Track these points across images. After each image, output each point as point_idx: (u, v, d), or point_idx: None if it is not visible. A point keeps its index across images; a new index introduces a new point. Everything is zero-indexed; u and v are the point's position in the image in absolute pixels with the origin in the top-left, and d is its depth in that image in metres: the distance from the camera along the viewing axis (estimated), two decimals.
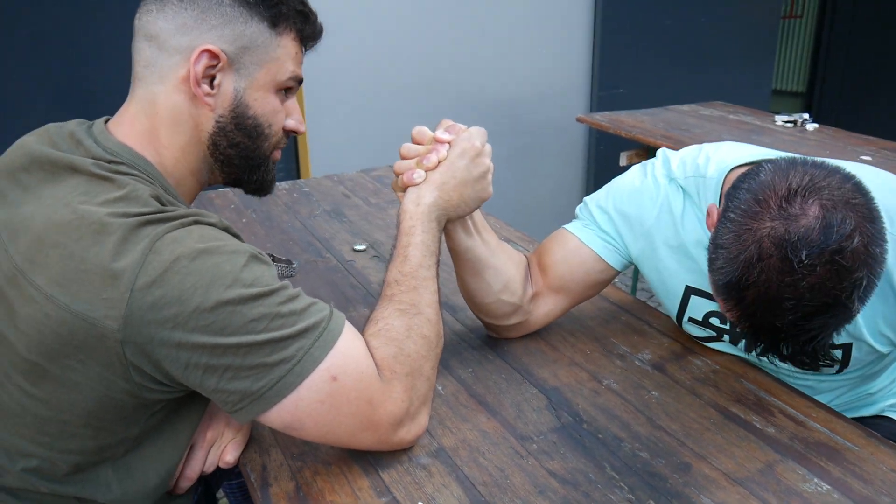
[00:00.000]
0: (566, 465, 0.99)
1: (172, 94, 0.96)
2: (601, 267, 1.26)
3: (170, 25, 0.95)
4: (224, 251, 0.85)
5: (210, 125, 0.98)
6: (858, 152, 2.72)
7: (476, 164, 1.11)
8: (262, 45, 0.98)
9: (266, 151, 1.04)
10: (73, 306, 0.81)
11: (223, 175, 1.04)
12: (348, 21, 3.19)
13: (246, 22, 0.97)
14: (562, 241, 1.29)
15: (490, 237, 1.23)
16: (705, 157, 1.18)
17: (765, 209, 0.88)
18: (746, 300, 0.89)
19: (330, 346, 0.90)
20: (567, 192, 4.04)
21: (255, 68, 0.98)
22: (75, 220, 0.84)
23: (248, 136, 1.01)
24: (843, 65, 5.37)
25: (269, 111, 1.01)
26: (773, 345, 0.93)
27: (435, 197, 1.09)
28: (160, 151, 0.97)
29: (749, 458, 1.00)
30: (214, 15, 0.95)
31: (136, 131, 0.97)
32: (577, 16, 3.73)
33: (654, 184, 1.22)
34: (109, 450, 0.92)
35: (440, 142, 1.12)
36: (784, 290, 0.86)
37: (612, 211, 1.25)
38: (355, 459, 1.00)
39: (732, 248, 0.89)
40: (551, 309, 1.30)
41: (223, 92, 0.97)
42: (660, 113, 3.40)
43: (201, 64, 0.94)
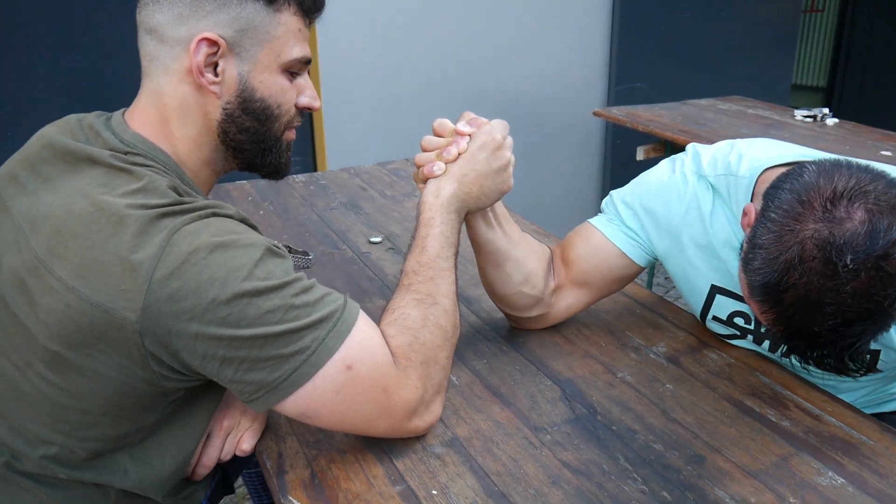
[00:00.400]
0: (580, 457, 0.99)
1: (178, 86, 0.96)
2: (624, 263, 1.25)
3: (167, 17, 0.95)
4: (240, 244, 0.86)
5: (218, 113, 0.98)
6: (878, 147, 2.70)
7: (496, 157, 1.12)
8: (261, 24, 0.96)
9: (277, 132, 1.03)
10: (92, 297, 0.83)
11: (237, 161, 1.04)
12: (366, 15, 3.20)
13: (241, 4, 0.95)
14: (586, 235, 1.28)
15: (512, 229, 1.23)
16: (737, 154, 1.16)
17: (808, 210, 0.85)
18: (784, 302, 0.87)
19: (344, 336, 0.90)
20: (583, 187, 4.03)
21: (257, 49, 0.97)
22: (95, 211, 0.85)
23: (257, 119, 1.00)
24: (864, 60, 5.31)
25: (277, 91, 1.00)
26: (809, 350, 0.91)
27: (454, 189, 1.09)
28: (174, 143, 0.98)
29: (763, 452, 0.99)
30: (208, 1, 0.94)
31: (148, 123, 0.97)
32: (594, 10, 3.71)
33: (683, 180, 1.20)
34: (127, 437, 0.94)
35: (461, 134, 1.12)
36: (826, 295, 0.84)
37: (637, 207, 1.24)
38: (370, 448, 1.01)
39: (772, 249, 0.87)
40: (573, 303, 1.30)
41: (227, 78, 0.97)
42: (677, 107, 3.38)
43: (201, 53, 0.94)
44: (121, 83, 2.72)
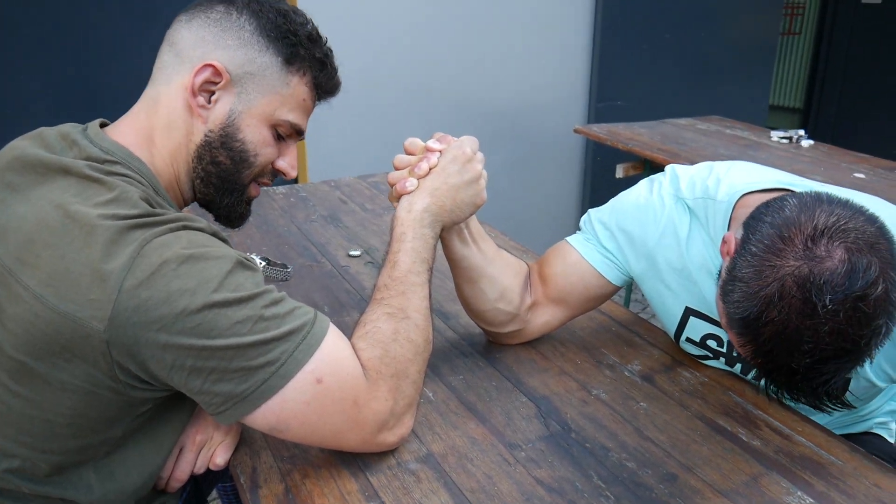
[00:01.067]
0: (553, 474, 1.00)
1: (174, 98, 0.99)
2: (600, 282, 1.26)
3: (191, 36, 0.99)
4: (210, 256, 0.87)
5: (199, 137, 1.01)
6: (852, 170, 2.74)
7: (467, 169, 1.13)
8: (270, 77, 1.01)
9: (245, 179, 1.06)
10: (60, 306, 0.82)
11: (199, 192, 1.06)
12: (348, 29, 3.21)
13: (261, 51, 1.00)
14: (563, 253, 1.29)
15: (487, 246, 1.24)
16: (715, 178, 1.16)
17: (789, 247, 0.86)
18: (762, 337, 0.87)
19: (314, 349, 0.91)
20: (563, 203, 4.06)
21: (257, 96, 1.01)
22: (67, 221, 0.85)
23: (231, 158, 1.02)
24: (840, 82, 5.41)
25: (259, 141, 1.03)
26: (786, 385, 0.92)
27: (427, 203, 1.10)
28: (153, 152, 1.00)
29: (734, 471, 1.01)
30: (232, 37, 0.99)
31: (133, 129, 0.99)
32: (576, 27, 3.75)
33: (660, 203, 1.21)
34: (91, 450, 0.93)
35: (431, 150, 1.14)
36: (804, 333, 0.84)
37: (614, 228, 1.24)
38: (344, 463, 1.01)
39: (752, 284, 0.87)
40: (549, 319, 1.31)
41: (217, 109, 1.00)
42: (657, 126, 3.42)
43: (202, 76, 0.98)
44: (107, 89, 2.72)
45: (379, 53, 3.31)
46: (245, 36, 1.00)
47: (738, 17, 4.20)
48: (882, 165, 2.83)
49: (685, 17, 3.99)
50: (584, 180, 4.04)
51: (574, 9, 3.71)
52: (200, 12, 1.01)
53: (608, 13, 3.73)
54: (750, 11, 4.23)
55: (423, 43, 3.41)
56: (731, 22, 4.18)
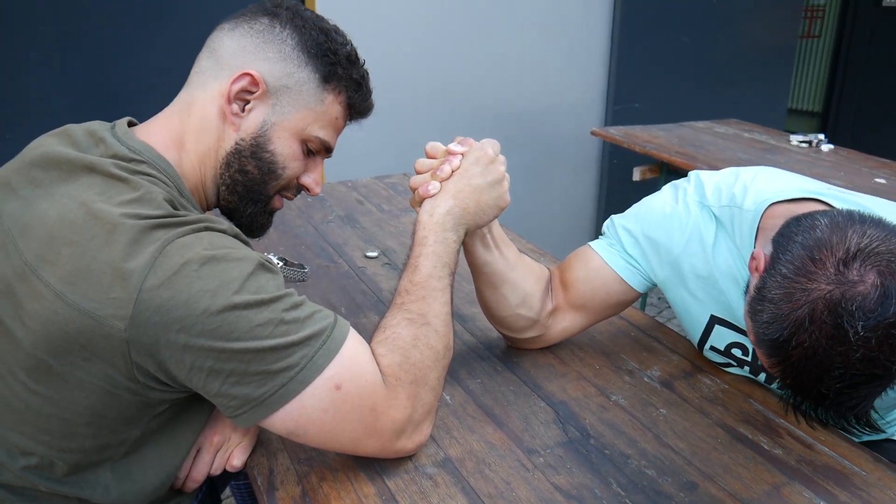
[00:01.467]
0: (572, 480, 0.99)
1: (208, 103, 1.01)
2: (623, 289, 1.25)
3: (233, 45, 1.01)
4: (232, 258, 0.86)
5: (230, 144, 1.02)
6: (873, 175, 2.71)
7: (490, 171, 1.12)
8: (306, 92, 1.02)
9: (270, 191, 1.07)
10: (81, 304, 0.82)
11: (223, 198, 1.06)
12: (365, 30, 3.21)
13: (300, 66, 1.01)
14: (585, 259, 1.28)
15: (509, 252, 1.23)
16: (742, 186, 1.15)
17: (820, 269, 0.84)
18: (791, 359, 0.86)
19: (333, 354, 0.90)
20: (580, 205, 4.04)
21: (291, 110, 1.02)
22: (89, 219, 0.85)
23: (259, 168, 1.03)
24: (860, 86, 5.35)
25: (289, 154, 1.04)
26: (814, 408, 0.90)
27: (450, 206, 1.09)
28: (181, 155, 1.00)
29: (756, 480, 0.99)
30: (273, 49, 1.01)
31: (164, 130, 1.00)
32: (594, 29, 3.74)
33: (685, 210, 1.19)
34: (109, 450, 0.93)
35: (453, 153, 1.13)
36: (834, 358, 0.83)
37: (639, 235, 1.23)
38: (361, 466, 1.01)
39: (782, 306, 0.86)
40: (569, 325, 1.30)
41: (251, 118, 1.01)
42: (674, 129, 3.40)
43: (239, 84, 0.99)
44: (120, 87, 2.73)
45: (396, 55, 3.31)
46: (286, 50, 1.01)
47: (757, 20, 4.17)
48: None
49: (703, 19, 3.96)
50: (600, 183, 4.02)
51: (592, 11, 3.70)
52: (244, 22, 1.02)
53: (626, 16, 3.71)
54: (769, 14, 4.20)
55: (440, 45, 3.41)
56: (750, 25, 4.15)
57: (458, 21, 3.41)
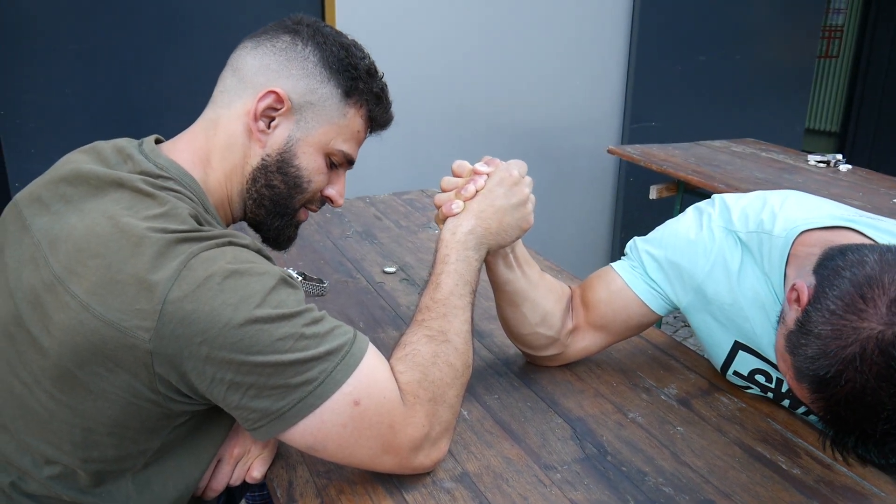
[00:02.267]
0: (589, 497, 0.99)
1: (233, 121, 1.03)
2: (644, 311, 1.25)
3: (256, 63, 1.03)
4: (254, 272, 0.88)
5: (256, 160, 1.04)
6: (892, 195, 2.70)
7: (514, 192, 1.13)
8: (329, 107, 1.05)
9: (296, 204, 1.09)
10: (106, 315, 0.84)
11: (250, 212, 1.09)
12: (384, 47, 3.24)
13: (322, 82, 1.04)
14: (607, 280, 1.28)
15: (532, 271, 1.24)
16: (770, 212, 1.13)
17: (871, 308, 0.82)
18: (836, 397, 0.84)
19: (352, 370, 0.91)
20: (596, 223, 4.04)
21: (315, 125, 1.04)
22: (116, 232, 0.87)
23: (286, 182, 1.06)
24: (878, 106, 5.33)
25: (314, 168, 1.07)
26: (857, 447, 0.88)
27: (472, 225, 1.10)
28: (207, 172, 1.02)
29: (774, 499, 0.99)
30: (297, 66, 1.03)
31: (191, 149, 1.02)
32: (611, 48, 3.76)
33: (710, 236, 1.18)
34: (130, 460, 0.94)
35: (478, 173, 1.14)
36: (884, 399, 0.81)
37: (663, 260, 1.22)
38: (380, 480, 1.01)
39: (830, 343, 0.84)
40: (589, 345, 1.30)
41: (276, 134, 1.03)
42: (691, 148, 3.41)
43: (265, 102, 1.01)
44: (143, 103, 2.78)
45: (414, 73, 3.34)
46: (309, 67, 1.03)
47: (775, 40, 4.18)
48: None
49: (721, 39, 3.98)
50: (616, 201, 4.03)
51: (609, 29, 3.72)
52: (266, 40, 1.04)
53: (644, 34, 3.73)
54: (787, 34, 4.20)
55: (458, 63, 3.44)
56: (768, 44, 4.16)
57: (476, 39, 3.45)
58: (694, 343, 3.32)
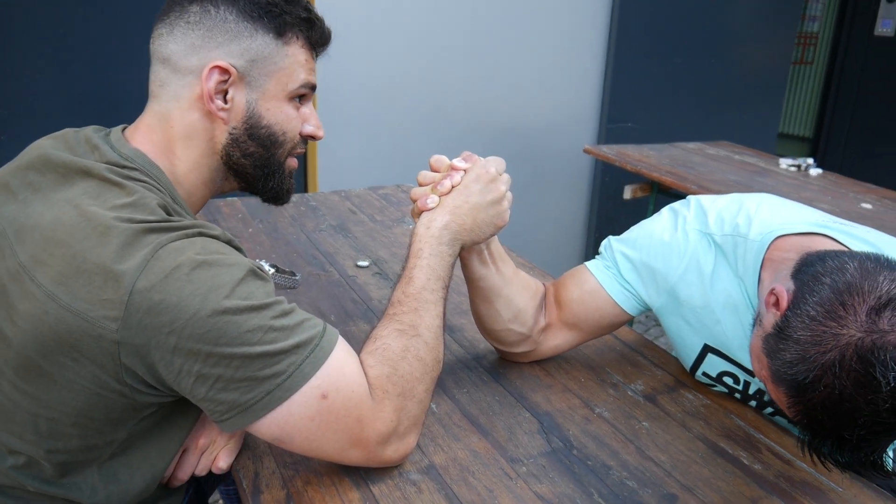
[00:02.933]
0: (554, 490, 1.00)
1: (187, 112, 1.00)
2: (616, 311, 1.26)
3: (180, 47, 0.99)
4: (224, 263, 0.87)
5: (224, 137, 1.02)
6: (859, 200, 2.75)
7: (490, 189, 1.13)
8: (270, 55, 1.01)
9: (281, 158, 1.07)
10: (72, 305, 0.83)
11: (238, 182, 1.07)
12: (363, 43, 3.24)
13: (251, 36, 0.99)
14: (581, 280, 1.28)
15: (506, 268, 1.24)
16: (746, 215, 1.14)
17: (851, 315, 0.83)
18: (812, 402, 0.85)
19: (321, 363, 0.91)
20: (571, 222, 4.07)
21: (265, 79, 1.01)
22: (82, 221, 0.86)
23: (261, 145, 1.04)
24: (851, 113, 5.42)
25: (283, 119, 1.04)
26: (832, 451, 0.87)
27: (447, 221, 1.10)
28: (173, 162, 1.01)
29: (735, 493, 1.01)
30: (220, 32, 0.98)
31: (151, 141, 1.00)
32: (590, 49, 3.78)
33: (685, 238, 1.19)
34: (95, 451, 0.94)
35: (456, 169, 1.14)
36: (861, 406, 0.81)
37: (637, 262, 1.23)
38: (346, 472, 1.02)
39: (809, 348, 0.84)
40: (561, 343, 1.31)
41: (236, 105, 1.01)
42: (666, 149, 3.44)
43: (213, 80, 0.98)
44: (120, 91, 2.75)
45: (391, 68, 3.34)
46: (231, 27, 0.99)
47: (751, 45, 4.23)
48: (890, 196, 2.84)
49: (698, 43, 4.02)
50: (592, 200, 4.05)
51: (588, 30, 3.75)
52: (178, 18, 0.99)
53: (622, 36, 3.76)
54: (762, 40, 4.26)
55: (436, 60, 3.44)
56: (744, 49, 4.21)
57: (453, 37, 3.45)
58: (665, 342, 3.36)
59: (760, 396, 1.19)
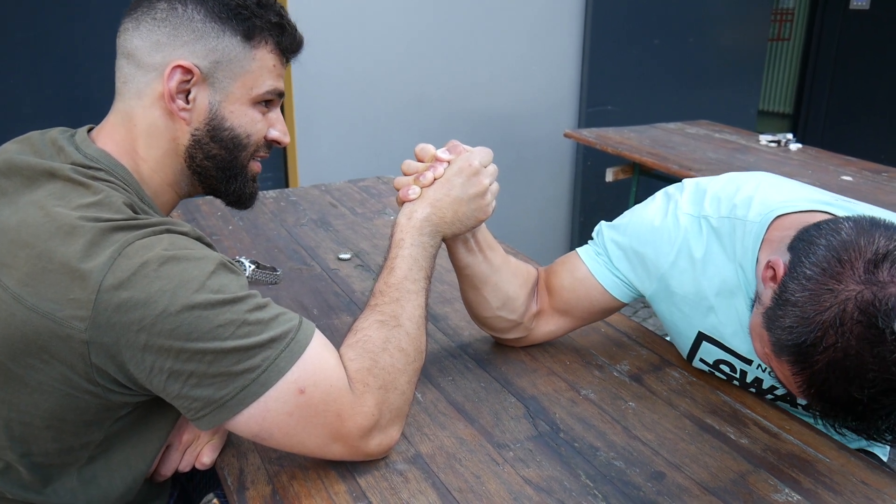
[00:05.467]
0: (542, 473, 1.00)
1: (149, 110, 0.98)
2: (607, 299, 1.24)
3: (145, 43, 0.96)
4: (192, 257, 0.86)
5: (186, 138, 0.99)
6: (840, 172, 2.76)
7: (472, 183, 1.11)
8: (236, 58, 0.98)
9: (244, 161, 1.04)
10: (39, 306, 0.82)
11: (202, 186, 1.05)
12: (340, 34, 3.21)
13: (218, 36, 0.97)
14: (572, 267, 1.27)
15: (494, 255, 1.23)
16: (744, 197, 1.11)
17: (848, 270, 0.81)
18: (817, 365, 0.82)
19: (297, 357, 0.90)
20: (554, 207, 4.06)
21: (230, 82, 0.99)
22: (47, 221, 0.85)
23: (224, 147, 1.01)
24: (829, 87, 5.44)
25: (247, 122, 1.02)
26: (844, 417, 0.85)
27: (427, 213, 1.09)
28: (137, 161, 0.99)
29: (722, 469, 1.01)
30: (186, 31, 0.96)
31: (114, 141, 0.98)
32: (566, 33, 3.77)
33: (675, 224, 1.16)
34: (72, 454, 0.92)
35: (440, 160, 1.13)
36: (867, 361, 0.78)
37: (627, 249, 1.21)
38: (332, 465, 1.01)
39: (807, 308, 0.82)
40: (554, 329, 1.30)
41: (198, 106, 0.98)
42: (646, 130, 3.44)
43: (175, 80, 0.96)
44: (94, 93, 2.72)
45: (370, 59, 3.32)
46: (197, 27, 0.96)
47: (727, 23, 4.23)
48: (868, 168, 2.85)
49: (674, 23, 4.02)
50: (574, 184, 4.05)
51: (564, 15, 3.73)
52: (145, 14, 0.97)
53: (597, 19, 3.75)
54: (738, 17, 4.26)
55: (414, 49, 3.42)
56: (720, 28, 4.21)
57: (430, 26, 3.43)
58: (653, 323, 3.37)
59: (759, 384, 1.18)
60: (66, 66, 2.72)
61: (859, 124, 5.21)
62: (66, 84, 2.73)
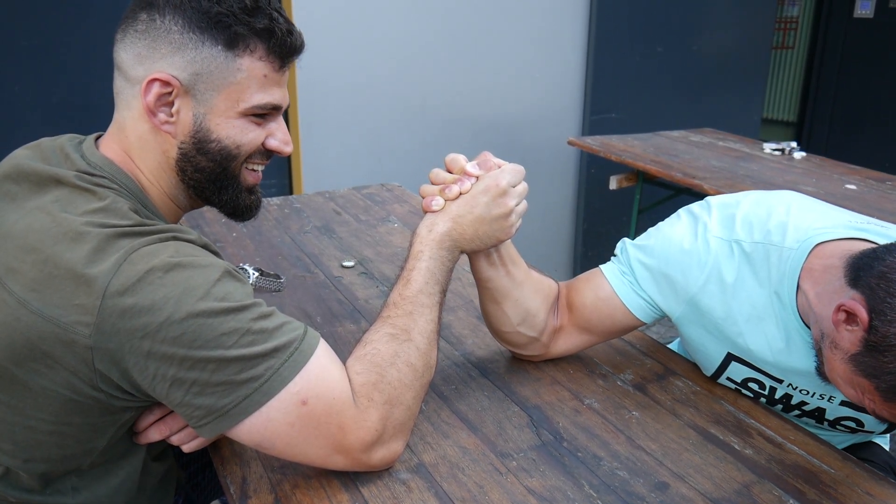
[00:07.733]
0: (545, 483, 0.99)
1: (138, 123, 0.97)
2: (630, 319, 1.23)
3: (129, 55, 0.95)
4: (198, 265, 0.86)
5: (174, 152, 0.98)
6: (844, 181, 2.76)
7: (497, 204, 1.09)
8: (217, 70, 0.94)
9: (234, 170, 1.01)
10: (44, 311, 0.82)
11: (198, 198, 1.03)
12: (344, 41, 3.22)
13: (196, 47, 0.93)
14: (595, 285, 1.25)
15: (517, 270, 1.21)
16: (778, 222, 1.09)
17: None
18: None
19: (300, 367, 0.89)
20: (558, 213, 4.06)
21: (213, 94, 0.95)
22: (53, 227, 0.85)
23: (213, 160, 0.98)
24: (833, 95, 5.44)
25: (236, 133, 0.98)
26: None
27: (448, 228, 1.07)
28: (136, 171, 0.98)
29: (726, 479, 1.00)
30: (164, 43, 0.93)
31: (115, 150, 0.98)
32: (570, 41, 3.78)
33: (705, 247, 1.13)
34: (75, 460, 0.92)
35: (468, 175, 1.11)
36: None
37: (655, 272, 1.18)
38: (335, 474, 1.01)
39: None
40: (571, 346, 1.28)
41: (182, 119, 0.95)
42: (650, 138, 3.44)
43: (152, 93, 0.93)
44: (98, 101, 2.72)
45: (374, 66, 3.32)
46: (174, 38, 0.93)
47: (730, 32, 4.23)
48: (872, 177, 2.85)
49: (678, 30, 4.02)
50: (577, 192, 4.05)
51: (568, 22, 3.74)
52: (129, 26, 0.95)
53: (602, 27, 3.75)
54: (742, 25, 4.26)
55: (418, 57, 3.43)
56: (724, 36, 4.21)
57: (434, 33, 3.44)
58: (657, 332, 3.36)
59: (787, 401, 1.17)
60: (71, 74, 2.73)
61: (864, 133, 5.20)
62: (72, 91, 2.74)
